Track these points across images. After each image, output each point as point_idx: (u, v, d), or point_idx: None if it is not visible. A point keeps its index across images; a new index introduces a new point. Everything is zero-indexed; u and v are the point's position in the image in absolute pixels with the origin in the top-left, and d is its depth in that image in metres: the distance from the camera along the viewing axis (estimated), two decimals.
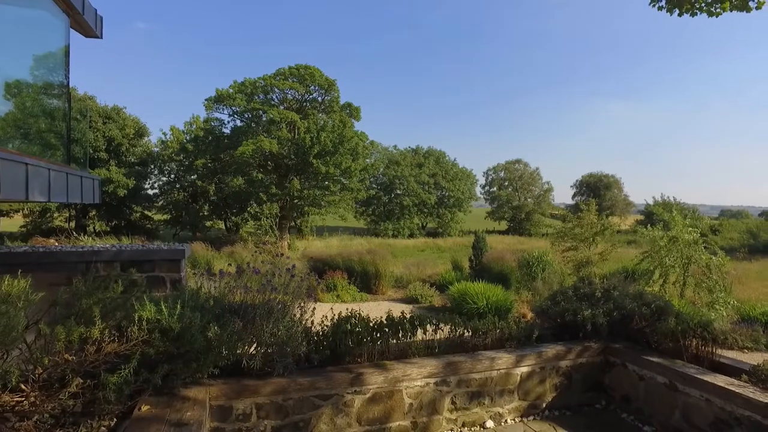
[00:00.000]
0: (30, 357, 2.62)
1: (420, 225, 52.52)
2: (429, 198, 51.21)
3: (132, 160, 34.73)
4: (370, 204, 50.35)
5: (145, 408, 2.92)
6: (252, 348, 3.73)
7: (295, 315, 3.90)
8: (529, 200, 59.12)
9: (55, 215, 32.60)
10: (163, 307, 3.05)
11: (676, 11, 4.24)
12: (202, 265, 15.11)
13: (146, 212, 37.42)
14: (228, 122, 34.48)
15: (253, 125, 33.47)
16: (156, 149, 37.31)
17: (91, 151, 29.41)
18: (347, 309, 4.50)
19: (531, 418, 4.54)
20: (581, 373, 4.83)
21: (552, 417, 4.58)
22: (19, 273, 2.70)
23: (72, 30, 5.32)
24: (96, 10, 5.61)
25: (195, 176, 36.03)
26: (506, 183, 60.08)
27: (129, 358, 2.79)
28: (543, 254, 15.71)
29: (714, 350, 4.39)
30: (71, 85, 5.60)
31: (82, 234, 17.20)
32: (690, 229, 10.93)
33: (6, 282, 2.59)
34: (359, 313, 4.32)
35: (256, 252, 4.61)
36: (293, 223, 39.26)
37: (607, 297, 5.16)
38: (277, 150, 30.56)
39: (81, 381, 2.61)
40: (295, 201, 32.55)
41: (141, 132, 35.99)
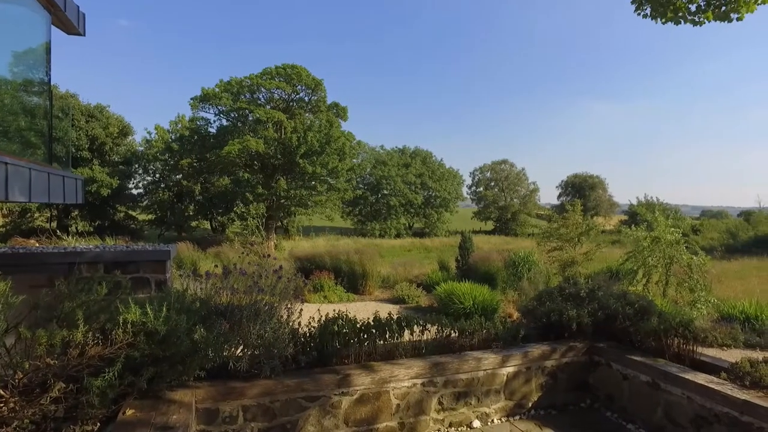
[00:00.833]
0: (10, 362, 2.56)
1: (407, 225, 52.59)
2: (416, 198, 51.37)
3: (116, 160, 34.27)
4: (357, 204, 50.28)
5: (130, 412, 2.88)
6: (239, 350, 3.71)
7: (282, 316, 3.89)
8: (515, 200, 59.73)
9: (36, 215, 31.90)
10: (149, 310, 3.01)
11: (661, 20, 4.31)
12: (188, 266, 14.89)
13: (130, 212, 36.88)
14: (214, 122, 34.25)
15: (240, 125, 33.20)
16: (140, 148, 36.77)
17: (74, 150, 28.94)
18: (334, 310, 4.50)
19: (517, 418, 4.59)
20: (566, 373, 4.89)
21: (538, 416, 4.63)
22: None
23: (54, 27, 5.22)
24: (78, 7, 5.51)
25: (180, 176, 35.62)
26: (492, 183, 60.58)
27: (113, 362, 2.75)
28: (529, 254, 15.83)
29: (695, 348, 4.49)
30: (53, 83, 5.49)
31: (65, 234, 16.86)
32: (672, 230, 11.11)
33: None
34: (346, 314, 4.33)
35: (243, 252, 4.58)
36: (280, 224, 39.06)
37: (592, 297, 5.24)
38: (264, 150, 30.37)
39: (63, 385, 2.56)
40: (282, 201, 32.40)
41: (125, 131, 35.56)
